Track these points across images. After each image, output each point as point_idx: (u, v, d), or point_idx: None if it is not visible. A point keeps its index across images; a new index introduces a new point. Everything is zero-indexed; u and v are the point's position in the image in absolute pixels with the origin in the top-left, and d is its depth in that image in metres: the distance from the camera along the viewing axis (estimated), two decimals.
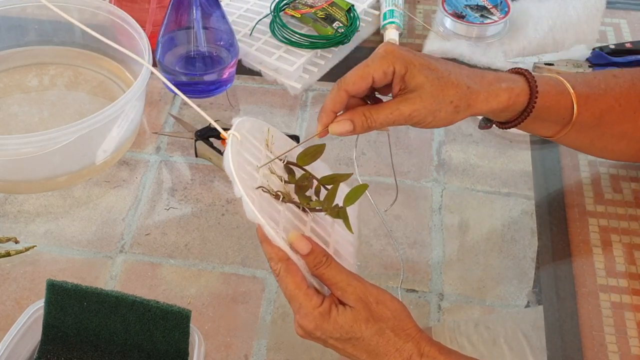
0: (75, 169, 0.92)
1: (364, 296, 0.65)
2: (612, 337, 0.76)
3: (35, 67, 1.08)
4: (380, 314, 0.65)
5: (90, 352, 0.73)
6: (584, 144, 0.84)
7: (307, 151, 0.72)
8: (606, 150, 0.85)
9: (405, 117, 0.69)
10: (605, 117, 0.80)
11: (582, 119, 0.79)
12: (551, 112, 0.78)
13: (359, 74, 0.70)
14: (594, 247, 0.85)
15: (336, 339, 0.65)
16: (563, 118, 0.79)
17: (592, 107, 0.79)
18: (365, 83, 0.70)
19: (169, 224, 0.89)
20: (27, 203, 0.91)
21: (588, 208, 0.89)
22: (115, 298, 0.71)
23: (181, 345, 0.71)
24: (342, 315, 0.65)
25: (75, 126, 0.84)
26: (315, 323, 0.65)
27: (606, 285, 0.81)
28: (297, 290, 0.65)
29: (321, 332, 0.65)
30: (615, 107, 0.80)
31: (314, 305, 0.65)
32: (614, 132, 0.81)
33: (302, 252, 0.65)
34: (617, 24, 1.18)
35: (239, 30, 1.10)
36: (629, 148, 0.83)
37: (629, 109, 0.80)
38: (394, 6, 1.13)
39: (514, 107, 0.75)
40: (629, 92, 0.81)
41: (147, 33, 1.01)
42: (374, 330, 0.64)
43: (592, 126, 0.80)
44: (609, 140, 0.82)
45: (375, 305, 0.65)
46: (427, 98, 0.69)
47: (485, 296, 0.82)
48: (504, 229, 0.89)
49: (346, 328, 0.64)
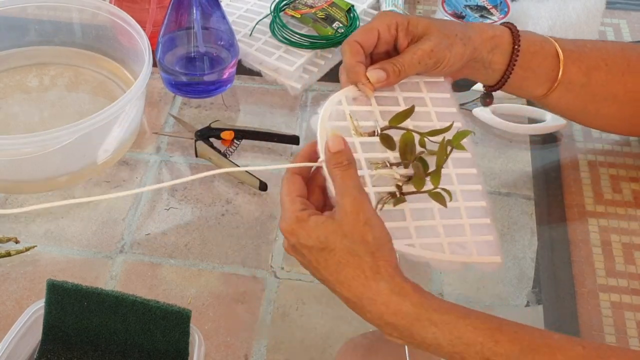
0: (75, 169, 0.92)
1: (357, 212, 0.63)
2: (612, 337, 0.76)
3: (36, 67, 1.08)
4: (363, 235, 0.62)
5: (90, 352, 0.73)
6: (577, 108, 0.84)
7: (398, 114, 0.71)
8: (599, 115, 0.84)
9: (427, 53, 0.72)
10: (593, 75, 0.81)
11: (570, 75, 0.80)
12: (538, 61, 0.79)
13: (364, 29, 0.73)
14: (594, 247, 0.85)
15: (309, 249, 0.64)
16: (551, 70, 0.80)
17: (579, 63, 0.80)
18: (372, 35, 0.72)
19: (169, 224, 0.89)
20: (27, 203, 0.91)
21: (588, 208, 0.89)
22: (115, 298, 0.71)
23: (181, 345, 0.71)
24: (320, 225, 0.63)
25: (76, 126, 0.84)
26: (291, 227, 0.64)
27: (606, 285, 0.81)
28: (285, 197, 0.66)
29: (295, 239, 0.64)
30: (602, 67, 0.81)
31: (294, 209, 0.65)
32: (604, 93, 0.82)
33: (332, 149, 0.65)
34: (617, 24, 1.18)
35: (239, 30, 1.10)
36: (620, 113, 0.83)
37: (617, 70, 0.81)
38: (394, 6, 1.13)
39: (501, 46, 0.78)
40: (617, 54, 0.82)
41: (147, 33, 1.01)
42: (347, 248, 0.62)
43: (581, 85, 0.81)
44: (601, 103, 0.82)
45: (363, 225, 0.62)
46: (438, 34, 0.73)
47: (484, 296, 0.82)
48: (504, 229, 0.89)
49: (321, 238, 0.63)
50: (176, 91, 1.04)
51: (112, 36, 1.06)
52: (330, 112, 0.70)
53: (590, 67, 0.81)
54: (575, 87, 0.81)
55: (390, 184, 0.69)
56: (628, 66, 0.82)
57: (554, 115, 0.99)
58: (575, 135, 0.99)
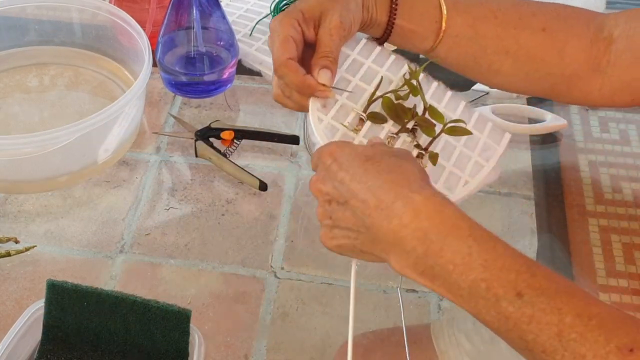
0: (75, 169, 0.92)
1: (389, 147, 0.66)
2: None
3: (36, 67, 1.08)
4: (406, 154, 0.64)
5: (90, 352, 0.73)
6: (468, 62, 0.82)
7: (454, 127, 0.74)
8: (492, 70, 0.82)
9: (338, 27, 0.73)
10: (481, 27, 0.79)
11: (456, 28, 0.79)
12: (419, 12, 0.78)
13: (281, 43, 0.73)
14: (594, 247, 0.85)
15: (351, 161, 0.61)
16: (435, 22, 0.79)
17: (464, 15, 0.79)
18: (291, 45, 0.72)
19: (169, 224, 0.89)
20: (27, 203, 0.91)
21: (588, 208, 0.89)
22: (115, 298, 0.71)
23: (181, 345, 0.71)
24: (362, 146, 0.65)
25: (76, 126, 0.85)
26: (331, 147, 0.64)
27: (606, 285, 0.81)
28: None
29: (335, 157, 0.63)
30: (491, 19, 0.80)
31: None
32: (494, 47, 0.80)
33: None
34: None
35: (239, 30, 1.10)
36: (515, 69, 0.81)
37: (508, 24, 0.80)
38: None
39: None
40: (509, 8, 0.81)
41: (147, 33, 1.01)
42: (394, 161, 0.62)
43: (469, 38, 0.79)
44: (493, 57, 0.80)
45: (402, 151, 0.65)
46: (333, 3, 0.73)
47: None
48: (504, 229, 0.89)
49: (368, 151, 0.62)
50: (176, 91, 1.04)
51: (112, 36, 1.06)
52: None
53: (478, 18, 0.79)
54: (463, 40, 0.79)
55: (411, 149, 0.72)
56: (520, 19, 0.80)
57: (554, 115, 0.99)
58: (575, 135, 0.99)
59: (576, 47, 0.80)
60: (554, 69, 0.81)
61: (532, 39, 0.80)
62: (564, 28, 0.81)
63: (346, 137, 0.71)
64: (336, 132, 0.71)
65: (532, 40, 0.80)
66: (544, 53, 0.80)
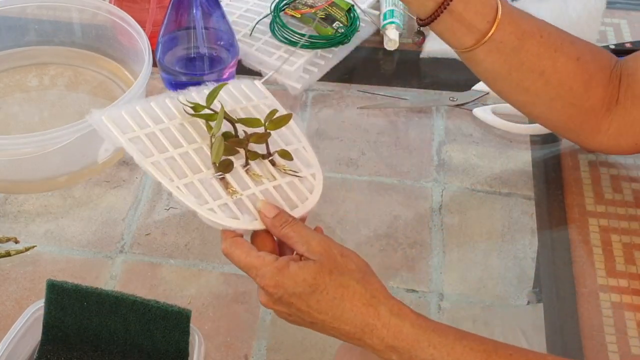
0: (75, 169, 0.92)
1: (329, 249, 0.64)
2: (612, 337, 0.76)
3: (35, 67, 1.08)
4: (345, 266, 0.63)
5: (90, 352, 0.73)
6: (502, 71, 0.82)
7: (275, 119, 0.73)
8: (520, 87, 0.82)
9: None
10: (527, 41, 0.79)
11: (503, 34, 0.79)
12: (476, 7, 0.77)
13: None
14: (594, 247, 0.85)
15: (299, 296, 0.63)
16: (486, 22, 0.78)
17: (516, 25, 0.79)
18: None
19: (169, 224, 0.89)
20: (27, 203, 0.91)
21: (588, 208, 0.89)
22: (115, 298, 0.71)
23: (181, 345, 0.71)
24: (303, 268, 0.63)
25: (76, 126, 0.85)
26: (274, 280, 0.63)
27: (606, 285, 0.81)
28: (248, 258, 0.65)
29: (283, 291, 0.63)
30: (538, 37, 0.80)
31: (268, 262, 0.64)
32: (532, 64, 0.80)
33: (270, 215, 0.66)
34: (617, 24, 1.18)
35: (239, 30, 1.10)
36: (544, 91, 0.82)
37: (550, 45, 0.80)
38: (394, 6, 1.13)
39: None
40: (554, 31, 0.82)
41: (147, 33, 1.01)
42: (338, 282, 0.62)
43: (512, 48, 0.79)
44: (527, 75, 0.81)
45: (340, 257, 0.64)
46: None
47: (485, 296, 0.82)
48: (504, 229, 0.88)
49: (309, 280, 0.62)
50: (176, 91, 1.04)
51: (112, 36, 1.06)
52: None
53: (526, 32, 0.79)
54: (506, 49, 0.79)
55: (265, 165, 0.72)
56: (562, 44, 0.81)
57: None
58: None
59: (599, 82, 0.82)
60: (577, 99, 0.82)
61: (567, 66, 0.81)
62: (594, 60, 0.82)
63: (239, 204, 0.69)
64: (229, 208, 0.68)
65: (567, 66, 0.81)
66: (573, 82, 0.81)
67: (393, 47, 1.10)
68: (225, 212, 0.68)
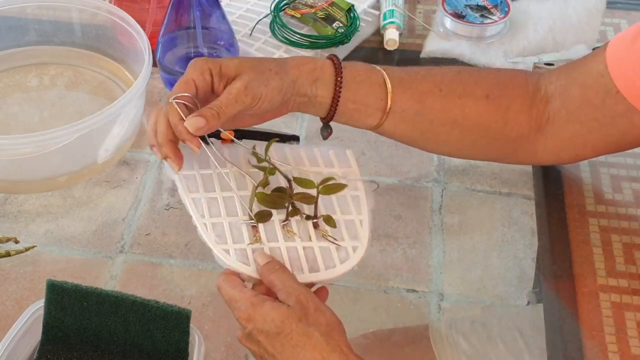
0: (75, 169, 0.92)
1: (305, 300, 0.66)
2: (612, 337, 0.76)
3: (35, 67, 1.08)
4: (315, 319, 0.65)
5: (90, 352, 0.73)
6: (415, 135, 0.82)
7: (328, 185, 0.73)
8: (439, 141, 0.83)
9: (242, 90, 0.71)
10: (427, 100, 0.79)
11: (401, 103, 0.78)
12: (364, 91, 0.78)
13: (180, 82, 0.72)
14: (594, 247, 0.85)
15: (266, 334, 0.65)
16: (380, 100, 0.78)
17: (410, 91, 0.79)
18: (189, 87, 0.72)
19: (169, 224, 0.89)
20: (27, 203, 0.91)
21: (588, 208, 0.89)
22: (115, 298, 0.71)
23: (181, 345, 0.71)
24: (275, 309, 0.65)
25: (76, 126, 0.84)
26: (247, 313, 0.65)
27: (606, 285, 0.81)
28: (233, 291, 0.67)
29: (252, 325, 0.65)
30: (436, 92, 0.79)
31: (247, 296, 0.66)
32: (441, 119, 0.80)
33: (261, 262, 0.68)
34: (617, 24, 1.18)
35: (239, 30, 1.10)
36: (463, 138, 0.82)
37: (452, 94, 0.80)
38: (394, 6, 1.13)
39: (322, 79, 0.76)
40: (452, 79, 0.81)
41: (147, 33, 1.01)
42: (303, 330, 0.64)
43: (415, 112, 0.79)
44: (440, 129, 0.81)
45: (313, 310, 0.66)
46: (251, 71, 0.72)
47: (485, 296, 0.82)
48: (504, 229, 0.89)
49: (276, 322, 0.64)
50: None
51: (112, 36, 1.06)
52: None
53: (423, 93, 0.79)
54: (409, 115, 0.79)
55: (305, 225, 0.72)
56: (464, 89, 0.80)
57: None
58: None
59: (518, 110, 0.81)
60: (498, 134, 0.81)
61: (476, 107, 0.80)
62: (505, 93, 0.81)
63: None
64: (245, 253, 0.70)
65: (477, 108, 0.80)
66: (489, 119, 0.80)
67: (393, 47, 1.10)
68: (239, 256, 0.69)
